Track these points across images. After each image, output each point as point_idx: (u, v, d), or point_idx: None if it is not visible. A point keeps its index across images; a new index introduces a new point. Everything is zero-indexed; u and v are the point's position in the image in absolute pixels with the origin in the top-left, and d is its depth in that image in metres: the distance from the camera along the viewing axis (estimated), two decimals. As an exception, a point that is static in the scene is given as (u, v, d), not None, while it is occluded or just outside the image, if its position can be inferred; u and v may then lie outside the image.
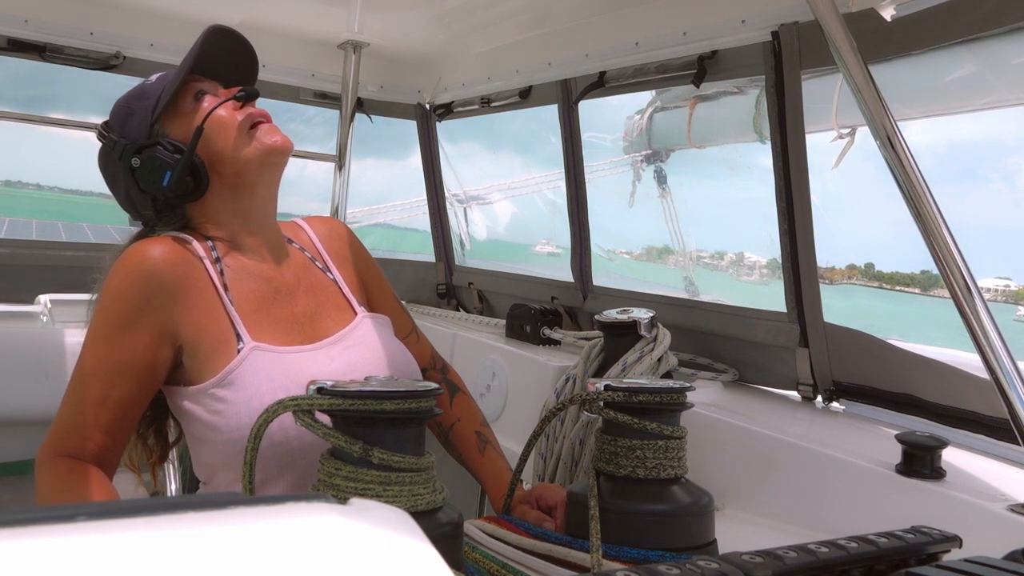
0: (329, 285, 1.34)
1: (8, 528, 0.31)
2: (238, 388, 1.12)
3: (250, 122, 1.23)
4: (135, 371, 1.14)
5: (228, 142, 1.22)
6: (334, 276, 1.36)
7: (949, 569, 0.65)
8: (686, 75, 2.05)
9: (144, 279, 1.14)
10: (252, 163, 1.23)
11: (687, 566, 0.60)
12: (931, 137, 3.38)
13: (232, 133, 1.22)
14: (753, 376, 2.00)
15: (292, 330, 1.23)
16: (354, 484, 0.88)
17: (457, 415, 1.39)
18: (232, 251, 1.25)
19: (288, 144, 1.25)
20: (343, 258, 1.40)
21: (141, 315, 1.13)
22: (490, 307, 3.08)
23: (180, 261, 1.17)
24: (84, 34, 2.46)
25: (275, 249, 1.30)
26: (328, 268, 1.36)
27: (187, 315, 1.15)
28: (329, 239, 1.41)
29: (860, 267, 14.37)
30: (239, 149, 1.22)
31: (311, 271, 1.33)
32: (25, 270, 2.53)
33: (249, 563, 0.31)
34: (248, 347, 1.15)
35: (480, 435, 1.38)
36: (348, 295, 1.34)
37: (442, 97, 3.07)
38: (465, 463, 1.37)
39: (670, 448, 1.07)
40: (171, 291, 1.15)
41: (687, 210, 2.87)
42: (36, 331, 2.23)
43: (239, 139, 1.22)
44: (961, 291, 1.29)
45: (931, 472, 1.30)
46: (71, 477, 1.11)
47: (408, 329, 1.45)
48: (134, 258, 1.16)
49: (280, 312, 1.24)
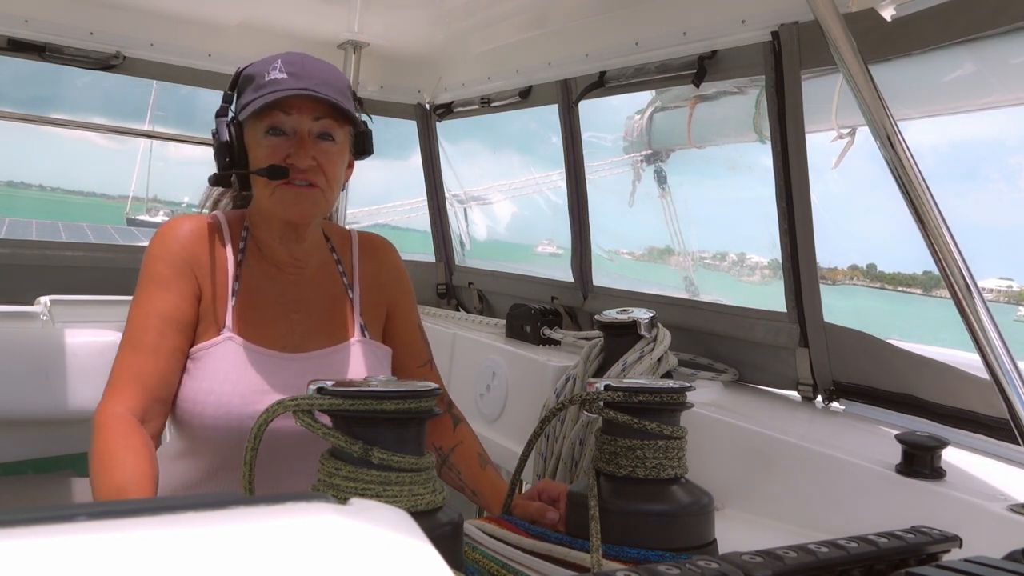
0: (342, 302, 1.38)
1: (8, 528, 0.31)
2: (200, 366, 1.24)
3: (275, 185, 1.25)
4: (180, 323, 1.24)
5: (259, 189, 1.28)
6: (353, 295, 1.39)
7: (949, 569, 0.65)
8: (686, 75, 2.05)
9: (175, 246, 1.27)
10: (274, 215, 1.29)
11: (687, 566, 0.60)
12: (934, 137, 3.39)
13: (264, 188, 1.26)
14: (753, 376, 2.00)
15: (279, 335, 1.30)
16: (354, 484, 0.87)
17: (459, 439, 1.43)
18: (257, 249, 1.33)
19: (305, 218, 1.29)
20: (373, 280, 1.43)
21: (176, 275, 1.25)
22: (490, 307, 3.08)
23: (204, 240, 1.29)
24: (84, 34, 2.46)
25: (299, 259, 1.35)
26: (351, 285, 1.40)
27: (205, 287, 1.28)
28: (368, 258, 1.44)
29: (862, 268, 14.38)
30: (261, 200, 1.29)
31: (332, 285, 1.38)
32: (25, 270, 2.53)
33: (249, 563, 0.31)
34: (224, 335, 1.26)
35: (481, 455, 1.41)
36: (355, 316, 1.38)
37: (442, 97, 3.07)
38: (464, 480, 1.39)
39: (670, 448, 1.07)
40: (194, 262, 1.27)
41: (687, 210, 2.87)
42: (36, 331, 2.23)
43: (263, 193, 1.27)
44: (961, 291, 1.29)
45: (931, 472, 1.30)
46: (123, 441, 1.14)
47: (423, 360, 1.48)
48: (170, 227, 1.30)
49: (275, 316, 1.31)
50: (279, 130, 1.24)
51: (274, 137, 1.24)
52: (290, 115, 1.24)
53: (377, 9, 2.45)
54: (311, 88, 1.22)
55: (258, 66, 1.27)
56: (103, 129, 3.62)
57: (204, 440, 1.27)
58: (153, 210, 52.13)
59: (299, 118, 1.24)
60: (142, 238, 17.74)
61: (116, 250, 2.71)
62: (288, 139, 1.24)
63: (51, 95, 33.67)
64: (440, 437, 1.42)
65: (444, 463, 1.41)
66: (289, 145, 1.24)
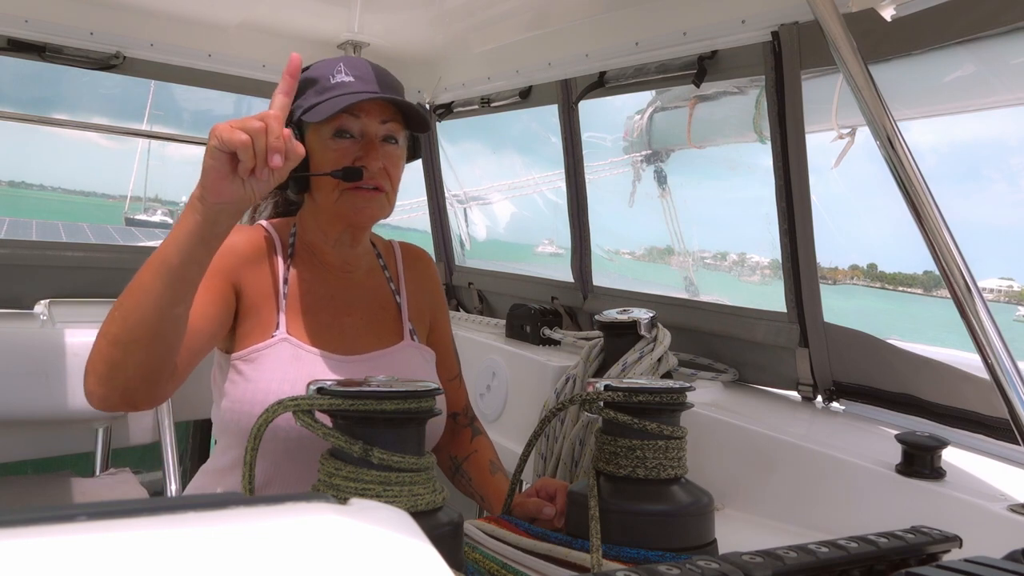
0: (391, 307, 1.39)
1: (8, 528, 0.31)
2: (256, 367, 1.20)
3: (345, 186, 1.24)
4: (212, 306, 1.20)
5: (326, 192, 1.26)
6: (400, 300, 1.40)
7: (949, 569, 0.65)
8: (686, 75, 2.05)
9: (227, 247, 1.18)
10: (339, 219, 1.28)
11: (687, 566, 0.60)
12: (935, 138, 3.39)
13: (332, 192, 1.25)
14: (753, 376, 2.00)
15: (332, 337, 1.28)
16: (354, 484, 0.88)
17: (475, 448, 1.44)
18: (306, 255, 1.32)
19: (372, 221, 1.29)
20: (417, 287, 1.44)
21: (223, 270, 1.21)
22: (490, 307, 3.08)
23: (257, 247, 1.28)
24: (84, 34, 2.46)
25: (350, 264, 1.35)
26: (399, 291, 1.41)
27: (248, 289, 1.25)
28: (411, 267, 1.46)
29: (863, 268, 14.39)
30: (328, 204, 1.26)
31: (381, 291, 1.39)
32: (25, 270, 2.53)
33: (249, 563, 0.31)
34: (279, 336, 1.23)
35: (492, 463, 1.42)
36: (405, 320, 1.39)
37: (442, 97, 3.07)
38: (474, 487, 1.40)
39: (670, 448, 1.07)
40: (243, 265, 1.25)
41: (687, 210, 2.88)
42: (36, 331, 2.23)
43: (333, 196, 1.25)
44: (961, 291, 1.29)
45: (931, 472, 1.30)
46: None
47: (453, 374, 1.50)
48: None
49: (327, 318, 1.30)
50: (348, 133, 1.24)
51: (343, 140, 1.24)
52: (359, 118, 1.24)
53: (377, 9, 2.45)
54: (381, 92, 1.23)
55: (320, 68, 1.26)
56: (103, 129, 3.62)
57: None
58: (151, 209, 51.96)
59: (368, 121, 1.24)
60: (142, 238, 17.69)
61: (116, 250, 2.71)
62: (356, 142, 1.24)
63: (52, 95, 33.47)
64: (457, 447, 1.44)
65: (457, 470, 1.42)
66: (357, 148, 1.24)
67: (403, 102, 1.24)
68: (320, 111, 1.21)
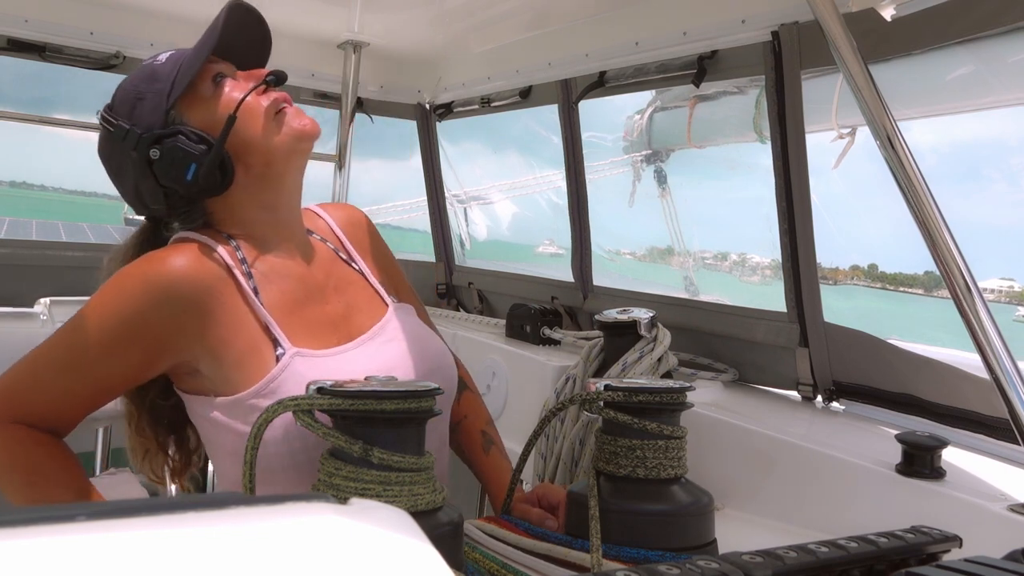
0: (356, 278, 1.28)
1: (8, 528, 0.31)
2: (282, 392, 1.04)
3: (276, 107, 1.16)
4: (121, 381, 1.12)
5: (257, 130, 1.14)
6: (359, 267, 1.30)
7: (949, 569, 0.65)
8: (686, 75, 2.05)
9: (160, 295, 1.06)
10: (282, 150, 1.16)
11: (687, 566, 0.60)
12: (935, 138, 3.37)
13: (260, 120, 1.14)
14: (753, 376, 2.00)
15: (328, 330, 1.17)
16: (354, 484, 0.88)
17: (464, 412, 1.37)
18: (259, 251, 1.17)
19: (317, 128, 1.18)
20: (364, 247, 1.34)
21: (148, 330, 1.07)
22: (490, 307, 3.08)
23: (203, 275, 1.09)
24: (84, 34, 2.46)
25: (303, 245, 1.23)
26: (352, 259, 1.30)
27: (209, 331, 1.08)
28: (349, 227, 1.34)
29: (863, 268, 14.38)
30: (269, 137, 1.14)
31: (337, 264, 1.27)
32: (25, 270, 2.53)
33: (249, 563, 0.31)
34: (289, 354, 1.08)
35: (485, 435, 1.36)
36: (376, 286, 1.29)
37: (442, 97, 3.07)
38: (468, 462, 1.36)
39: (670, 448, 1.07)
40: (189, 309, 1.07)
41: (687, 210, 2.87)
42: (36, 331, 2.23)
43: (268, 126, 1.15)
44: (961, 291, 1.29)
45: (931, 472, 1.30)
46: (37, 449, 1.09)
47: (424, 316, 1.40)
48: (154, 269, 1.08)
49: (313, 313, 1.17)
50: (220, 74, 1.18)
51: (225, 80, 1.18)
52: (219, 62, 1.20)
53: (377, 9, 2.45)
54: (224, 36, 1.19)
55: (140, 74, 1.19)
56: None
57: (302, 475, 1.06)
58: (151, 209, 51.68)
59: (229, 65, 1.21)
60: (142, 238, 17.63)
61: None
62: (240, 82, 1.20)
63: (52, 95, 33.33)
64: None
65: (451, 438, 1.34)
66: (252, 80, 1.19)
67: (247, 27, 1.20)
68: (182, 76, 1.13)
